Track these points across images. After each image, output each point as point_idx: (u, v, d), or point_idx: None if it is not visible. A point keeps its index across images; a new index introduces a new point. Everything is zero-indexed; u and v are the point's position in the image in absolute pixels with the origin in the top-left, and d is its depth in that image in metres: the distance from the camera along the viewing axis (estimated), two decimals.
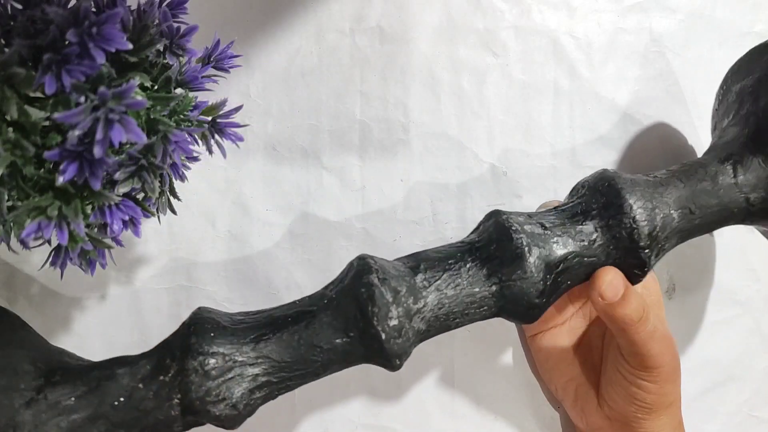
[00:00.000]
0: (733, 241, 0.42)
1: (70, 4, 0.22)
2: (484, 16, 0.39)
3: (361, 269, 0.28)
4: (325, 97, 0.38)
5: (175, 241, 0.37)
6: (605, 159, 0.41)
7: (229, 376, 0.26)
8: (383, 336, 0.26)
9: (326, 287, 0.29)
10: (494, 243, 0.29)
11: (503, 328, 0.40)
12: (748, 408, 0.43)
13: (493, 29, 0.39)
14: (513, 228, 0.29)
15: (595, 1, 0.40)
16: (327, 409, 0.39)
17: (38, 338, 0.30)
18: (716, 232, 0.42)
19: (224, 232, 0.37)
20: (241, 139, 0.29)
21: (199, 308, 0.29)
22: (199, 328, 0.27)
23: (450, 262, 0.29)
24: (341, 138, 0.38)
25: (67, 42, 0.20)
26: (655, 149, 0.41)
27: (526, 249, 0.28)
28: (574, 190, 0.33)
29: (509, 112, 0.40)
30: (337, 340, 0.27)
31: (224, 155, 0.28)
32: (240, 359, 0.26)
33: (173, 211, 0.29)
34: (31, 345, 0.28)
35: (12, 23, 0.22)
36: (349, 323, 0.27)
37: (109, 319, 0.36)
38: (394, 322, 0.26)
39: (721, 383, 0.43)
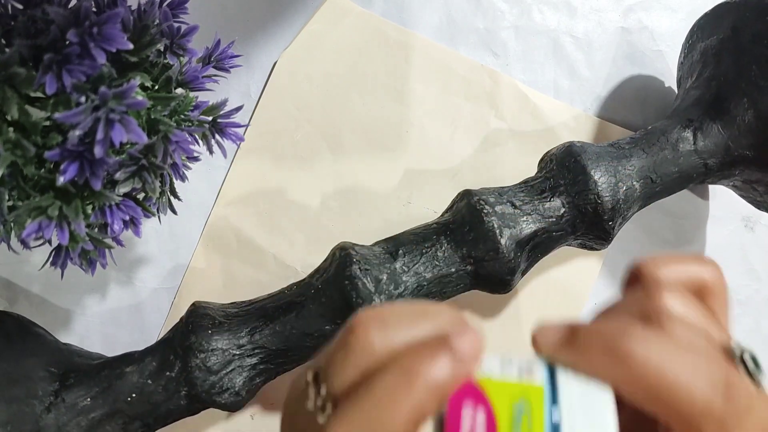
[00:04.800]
0: (733, 241, 0.42)
1: (71, 4, 0.22)
2: (484, 16, 0.39)
3: (343, 260, 0.29)
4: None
5: (175, 241, 0.37)
6: None
7: (230, 368, 0.28)
8: None
9: (312, 276, 0.30)
10: (467, 225, 0.30)
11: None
12: None
13: (493, 29, 0.39)
14: (485, 211, 0.30)
15: (595, 0, 0.40)
16: None
17: (47, 339, 0.30)
18: (715, 233, 0.42)
19: None
20: (241, 139, 0.29)
21: (195, 304, 0.30)
22: (197, 326, 0.28)
23: (426, 245, 0.30)
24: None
25: (67, 42, 0.20)
26: None
27: (498, 231, 0.29)
28: (543, 162, 0.33)
29: None
30: (327, 327, 0.29)
31: (224, 155, 0.28)
32: (238, 352, 0.28)
33: (173, 211, 0.29)
34: (42, 349, 0.29)
35: (13, 23, 0.22)
36: (336, 313, 0.29)
37: (109, 319, 0.36)
38: None
39: None
